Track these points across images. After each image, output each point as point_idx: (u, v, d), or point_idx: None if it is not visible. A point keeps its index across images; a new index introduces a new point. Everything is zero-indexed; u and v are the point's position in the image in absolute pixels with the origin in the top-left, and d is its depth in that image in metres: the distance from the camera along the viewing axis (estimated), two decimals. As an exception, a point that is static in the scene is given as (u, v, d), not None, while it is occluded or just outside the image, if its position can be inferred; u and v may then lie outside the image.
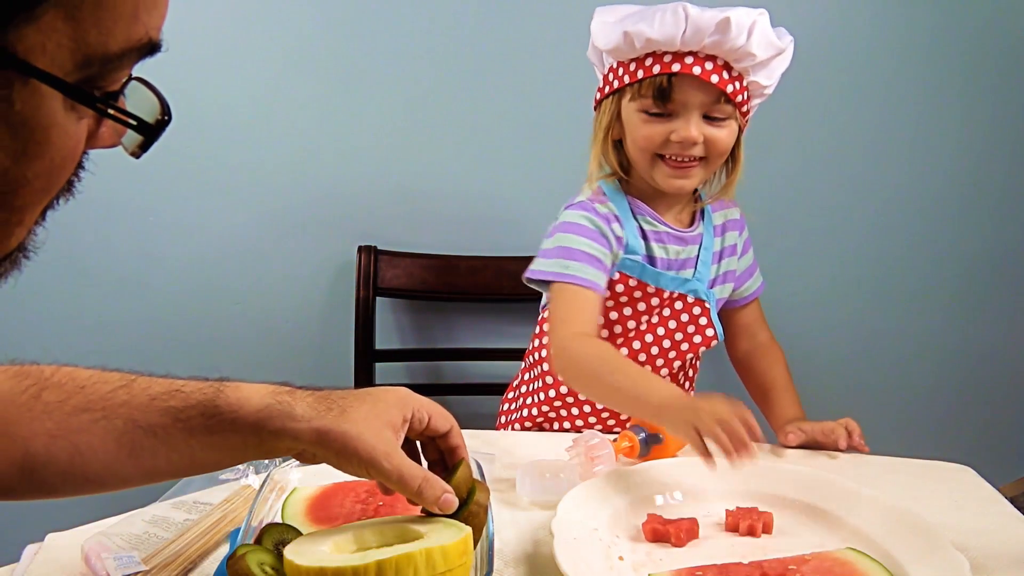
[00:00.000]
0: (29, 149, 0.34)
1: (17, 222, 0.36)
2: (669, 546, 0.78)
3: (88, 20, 0.33)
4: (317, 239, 1.61)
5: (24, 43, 0.31)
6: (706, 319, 1.16)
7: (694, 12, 1.02)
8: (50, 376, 0.65)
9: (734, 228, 1.22)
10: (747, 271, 1.24)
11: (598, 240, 1.10)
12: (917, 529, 0.77)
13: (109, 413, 0.64)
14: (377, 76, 1.55)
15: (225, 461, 0.67)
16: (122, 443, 0.64)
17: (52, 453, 0.64)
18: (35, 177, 0.35)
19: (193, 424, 0.64)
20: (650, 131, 1.08)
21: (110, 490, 0.67)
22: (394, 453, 0.63)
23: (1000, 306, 1.72)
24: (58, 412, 0.63)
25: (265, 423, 0.63)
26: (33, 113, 0.33)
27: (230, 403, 0.64)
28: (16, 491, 0.67)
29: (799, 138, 1.62)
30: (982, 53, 1.60)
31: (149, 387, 0.65)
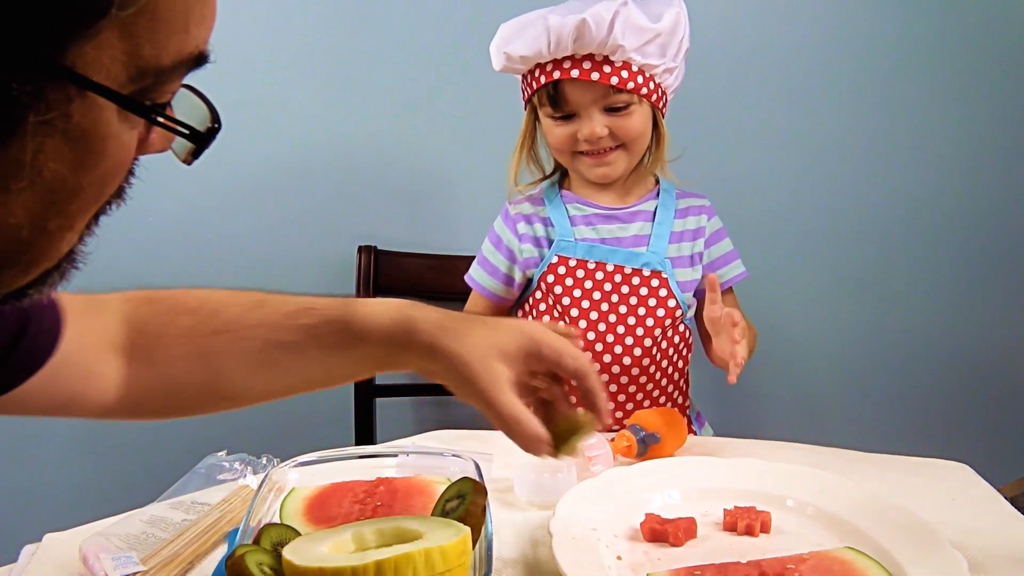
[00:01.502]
0: (86, 159, 0.35)
1: (68, 227, 0.37)
2: (667, 546, 0.78)
3: (142, 35, 0.34)
4: (317, 239, 1.61)
5: (82, 58, 0.32)
6: (666, 291, 1.18)
7: (553, 21, 1.06)
8: (183, 301, 0.68)
9: (699, 213, 1.24)
10: (722, 258, 1.25)
11: (497, 245, 1.25)
12: (915, 528, 0.77)
13: (245, 333, 0.67)
14: (377, 76, 1.55)
15: (358, 373, 0.71)
16: (259, 361, 0.68)
17: (191, 374, 0.67)
18: (89, 185, 0.36)
19: (327, 340, 0.67)
20: (559, 133, 1.15)
21: (246, 405, 0.71)
22: (493, 385, 0.64)
23: (1000, 306, 1.72)
24: (195, 336, 0.67)
25: (393, 337, 0.66)
26: (90, 125, 0.34)
27: (364, 319, 0.67)
28: (161, 412, 0.71)
29: (798, 138, 1.62)
30: (982, 52, 1.60)
31: (282, 306, 0.68)
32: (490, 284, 1.26)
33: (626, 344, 1.17)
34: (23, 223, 0.34)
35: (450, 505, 0.70)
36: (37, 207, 0.34)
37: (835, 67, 1.60)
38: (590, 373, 0.69)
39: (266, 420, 1.60)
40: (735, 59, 1.58)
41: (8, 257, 0.36)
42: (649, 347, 1.17)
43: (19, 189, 0.33)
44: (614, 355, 1.17)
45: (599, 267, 1.18)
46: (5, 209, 0.34)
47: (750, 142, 1.62)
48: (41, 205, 0.35)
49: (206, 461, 1.00)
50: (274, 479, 0.80)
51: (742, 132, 1.61)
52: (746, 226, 1.59)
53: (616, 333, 1.17)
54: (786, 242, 1.66)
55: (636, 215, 1.22)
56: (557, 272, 1.19)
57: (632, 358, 1.17)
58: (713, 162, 1.57)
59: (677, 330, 1.21)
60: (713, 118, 1.59)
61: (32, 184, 0.34)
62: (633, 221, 1.21)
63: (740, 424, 1.61)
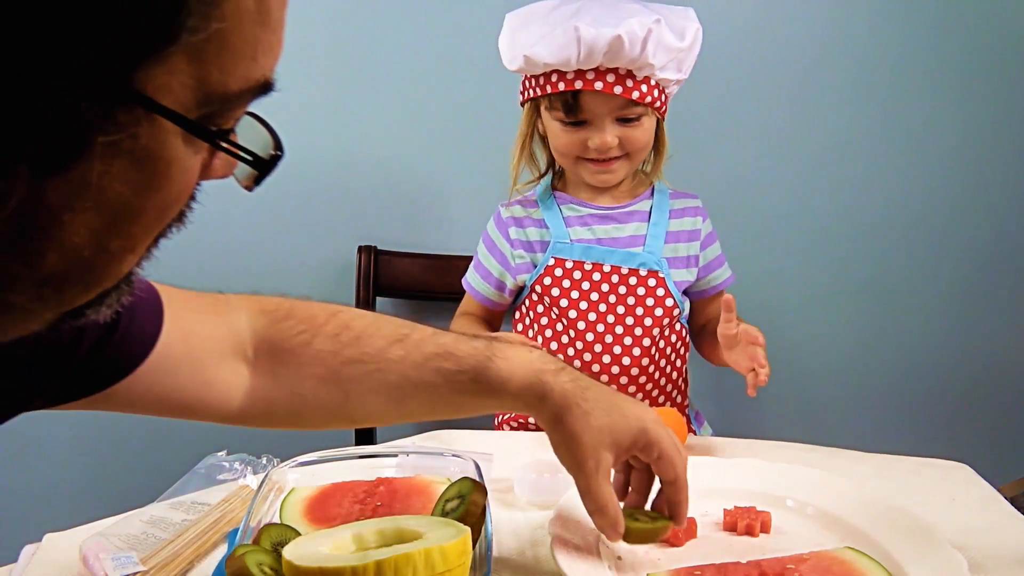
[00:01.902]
0: (150, 182, 0.35)
1: (130, 249, 0.37)
2: (667, 546, 0.78)
3: (211, 61, 0.34)
4: (317, 239, 1.61)
5: (152, 82, 0.32)
6: (664, 290, 1.18)
7: (586, 33, 1.04)
8: (323, 324, 0.70)
9: (695, 215, 1.25)
10: (716, 260, 1.26)
11: (491, 249, 1.25)
12: (915, 528, 0.77)
13: (383, 367, 0.69)
14: (377, 76, 1.55)
15: (475, 414, 0.75)
16: (392, 394, 0.70)
17: (320, 396, 0.69)
18: (152, 208, 0.36)
19: (462, 386, 0.70)
20: (568, 139, 1.15)
21: (368, 426, 0.74)
22: (595, 474, 0.68)
23: (1000, 306, 1.72)
24: (331, 361, 0.69)
25: (523, 398, 0.70)
26: (156, 148, 0.34)
27: (500, 375, 0.70)
28: (280, 422, 0.72)
29: (797, 139, 1.62)
30: (982, 52, 1.60)
31: (422, 344, 0.71)
32: (483, 288, 1.26)
33: (625, 344, 1.17)
34: (86, 243, 0.35)
35: (450, 505, 0.70)
36: (100, 228, 0.35)
37: (834, 67, 1.59)
38: (684, 487, 0.73)
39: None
40: (733, 59, 1.58)
41: (70, 276, 0.36)
42: (648, 347, 1.17)
43: (83, 209, 0.33)
44: (613, 355, 1.17)
45: (596, 268, 1.18)
46: (69, 229, 0.34)
47: (749, 143, 1.62)
48: (104, 226, 0.35)
49: (206, 461, 1.00)
50: (274, 479, 0.80)
51: (741, 133, 1.61)
52: (746, 226, 1.59)
53: (615, 333, 1.17)
54: (786, 242, 1.66)
55: (631, 215, 1.22)
56: (554, 274, 1.18)
57: (631, 358, 1.17)
58: (712, 163, 1.57)
59: (675, 330, 1.22)
60: (712, 119, 1.59)
61: (96, 205, 0.34)
62: (629, 221, 1.21)
63: (740, 424, 1.61)
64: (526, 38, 1.10)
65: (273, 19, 0.37)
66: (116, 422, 1.61)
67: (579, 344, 1.17)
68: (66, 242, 0.34)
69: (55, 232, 0.33)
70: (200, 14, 0.32)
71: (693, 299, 1.26)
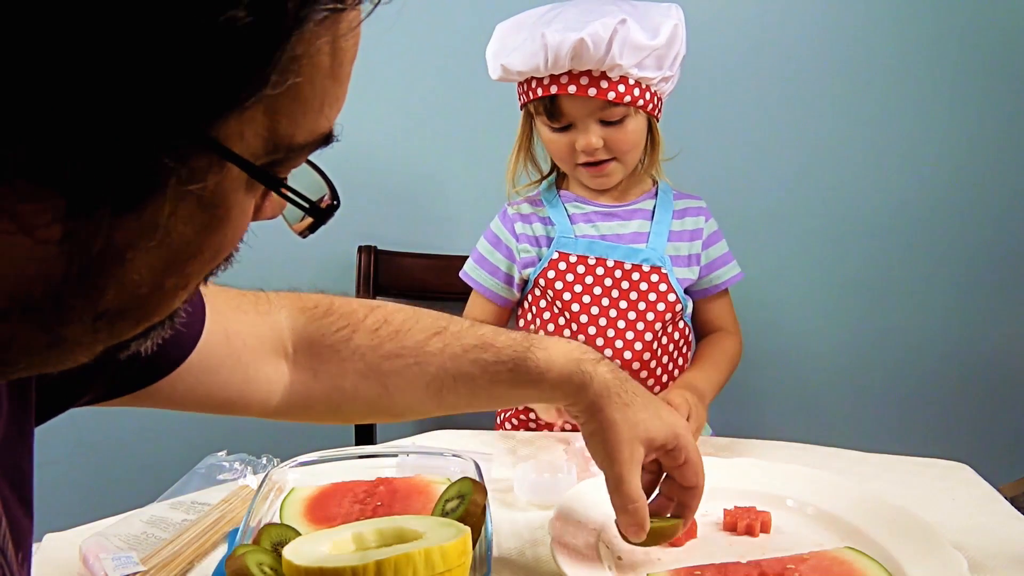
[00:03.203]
0: (211, 223, 0.36)
1: (183, 287, 0.38)
2: (667, 545, 0.78)
3: (283, 113, 0.35)
4: (317, 239, 1.58)
5: (228, 131, 0.33)
6: (666, 285, 1.18)
7: (551, 39, 1.06)
8: (363, 319, 0.71)
9: (697, 215, 1.25)
10: (720, 259, 1.26)
11: (495, 245, 1.26)
12: (915, 528, 0.77)
13: (422, 360, 0.70)
14: (377, 75, 1.55)
15: (515, 404, 0.80)
16: (431, 387, 0.71)
17: (359, 390, 0.70)
18: (209, 249, 0.37)
19: (500, 377, 0.70)
20: (558, 144, 1.17)
21: (408, 419, 0.75)
22: (629, 464, 0.69)
23: (1000, 305, 1.72)
24: (371, 356, 0.70)
25: (562, 387, 0.70)
26: (222, 192, 0.35)
27: (538, 365, 0.70)
28: (323, 418, 0.74)
29: (796, 138, 1.62)
30: (980, 51, 1.60)
31: (460, 336, 0.71)
32: (492, 284, 1.26)
33: (627, 339, 1.17)
34: (144, 281, 0.35)
35: (450, 505, 0.70)
36: (160, 266, 0.35)
37: (833, 67, 1.59)
38: (699, 495, 0.74)
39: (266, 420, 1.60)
40: (732, 59, 1.58)
41: (124, 311, 0.36)
42: (649, 342, 1.18)
43: (147, 248, 0.34)
44: (615, 350, 1.17)
45: (599, 263, 1.18)
46: (131, 267, 0.34)
47: (748, 142, 1.62)
48: (164, 264, 0.35)
49: (206, 461, 1.00)
50: (274, 479, 0.80)
51: (740, 132, 1.61)
52: (745, 226, 1.59)
53: (617, 328, 1.17)
54: (785, 242, 1.66)
55: (635, 213, 1.22)
56: (558, 268, 1.19)
57: (633, 352, 1.17)
58: (711, 162, 1.57)
59: (677, 326, 1.22)
60: (711, 118, 1.59)
61: (160, 245, 0.34)
62: (632, 219, 1.22)
63: (740, 424, 1.61)
64: (503, 48, 1.13)
65: (343, 73, 0.38)
66: (116, 422, 1.61)
67: (581, 338, 1.18)
68: (126, 279, 0.34)
69: (117, 270, 0.34)
70: (283, 69, 0.33)
71: (696, 298, 1.26)
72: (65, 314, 0.34)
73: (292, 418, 0.72)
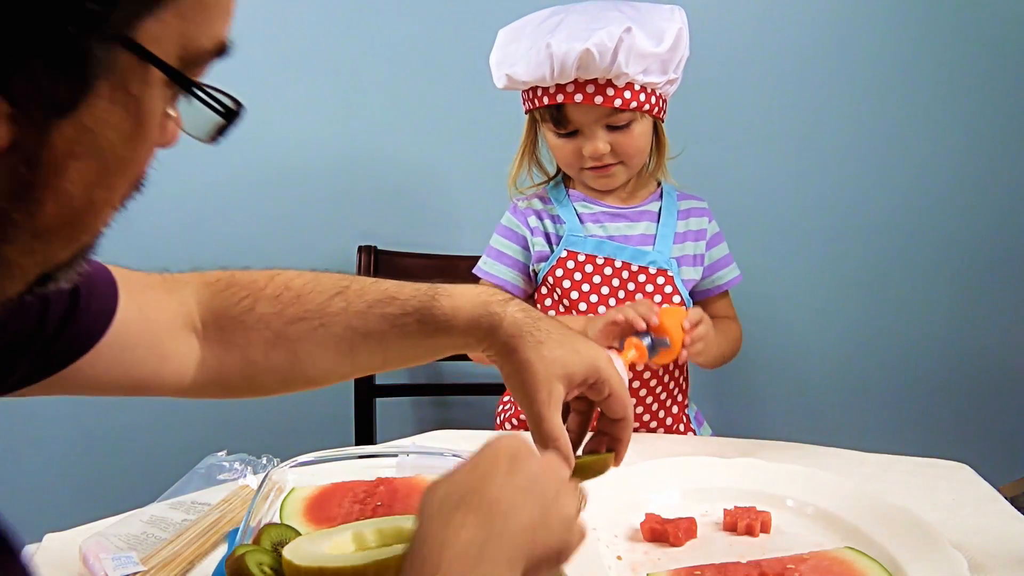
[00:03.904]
0: (134, 132, 0.38)
1: (109, 202, 0.40)
2: (667, 546, 0.78)
3: (190, 18, 0.38)
4: (317, 239, 1.61)
5: (147, 34, 0.36)
6: (671, 287, 1.19)
7: (557, 50, 1.06)
8: (264, 287, 0.71)
9: (701, 215, 1.26)
10: (722, 260, 1.27)
11: (510, 238, 1.25)
12: (915, 528, 0.77)
13: (327, 321, 0.69)
14: (377, 76, 1.55)
15: (431, 358, 0.74)
16: (339, 348, 0.70)
17: (270, 359, 0.69)
18: (132, 161, 0.40)
19: (409, 329, 0.69)
20: (564, 149, 1.17)
21: (324, 385, 0.73)
22: (547, 404, 0.66)
23: (1000, 305, 1.72)
24: (276, 322, 0.69)
25: (473, 331, 0.69)
26: (143, 98, 0.38)
27: (445, 312, 0.69)
28: (238, 392, 0.72)
29: (799, 138, 1.62)
30: (983, 51, 1.60)
31: (364, 293, 0.70)
32: (511, 276, 1.25)
33: None
34: (78, 193, 0.37)
35: (450, 505, 0.70)
36: (91, 177, 0.38)
37: (833, 67, 1.59)
38: (629, 426, 0.72)
39: (266, 420, 1.60)
40: (735, 59, 1.58)
41: (59, 228, 0.38)
42: None
43: (83, 156, 0.36)
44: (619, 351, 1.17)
45: (608, 263, 1.19)
46: (68, 177, 0.37)
47: (750, 142, 1.62)
48: (94, 175, 0.38)
49: (206, 461, 1.00)
50: (274, 479, 0.80)
51: (742, 132, 1.61)
52: (746, 226, 1.59)
53: None
54: (786, 242, 1.66)
55: (642, 215, 1.23)
56: (566, 266, 1.19)
57: (632, 362, 1.17)
58: (713, 162, 1.57)
59: None
60: (714, 119, 1.59)
61: (92, 152, 0.37)
62: (640, 220, 1.22)
63: (740, 424, 1.61)
64: (508, 57, 1.13)
65: None
66: (116, 422, 1.61)
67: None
68: (62, 191, 0.37)
69: (56, 180, 0.36)
70: None
71: (698, 298, 1.26)
72: (6, 230, 0.36)
73: (208, 395, 0.72)
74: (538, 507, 0.54)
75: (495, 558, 0.49)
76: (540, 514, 0.54)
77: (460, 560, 0.49)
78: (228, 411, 1.56)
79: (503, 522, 0.51)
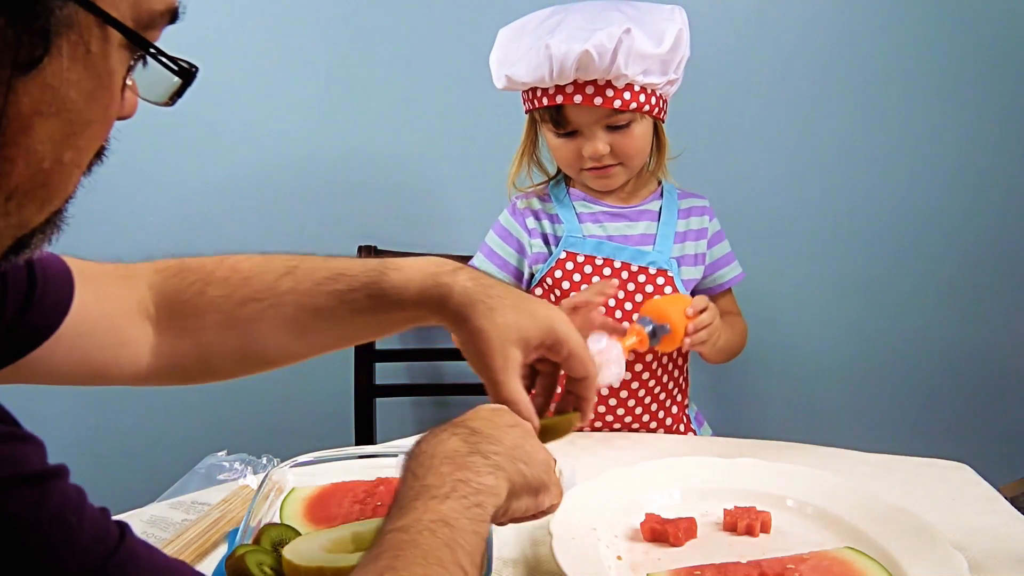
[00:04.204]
0: (96, 92, 0.40)
1: (78, 164, 0.41)
2: (667, 546, 0.78)
3: None
4: (317, 239, 1.61)
5: None
6: (672, 288, 1.19)
7: (556, 51, 1.06)
8: (213, 271, 0.70)
9: (701, 214, 1.26)
10: (724, 258, 1.27)
11: (505, 239, 1.25)
12: (915, 528, 0.77)
13: (277, 301, 0.69)
14: (378, 76, 1.55)
15: (388, 332, 0.74)
16: (292, 327, 0.70)
17: (224, 342, 0.70)
18: (95, 122, 0.41)
19: (359, 304, 0.69)
20: (564, 150, 1.17)
21: (281, 366, 0.73)
22: (504, 370, 0.66)
23: (1000, 305, 1.72)
24: (226, 305, 0.69)
25: (424, 302, 0.69)
26: (102, 58, 0.39)
27: (394, 284, 0.69)
28: (195, 377, 0.73)
29: (800, 138, 1.62)
30: (983, 52, 1.60)
31: (313, 271, 0.70)
32: (501, 278, 1.25)
33: None
34: (47, 152, 0.39)
35: (450, 505, 0.70)
36: (58, 136, 0.39)
37: (837, 68, 1.59)
38: (592, 384, 0.72)
39: (266, 420, 1.60)
40: (736, 59, 1.58)
41: (30, 191, 0.39)
42: None
43: (48, 114, 0.38)
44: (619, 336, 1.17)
45: (607, 263, 1.19)
46: (35, 136, 0.38)
47: (752, 143, 1.62)
48: (61, 135, 0.39)
49: (206, 461, 1.00)
50: (274, 479, 0.80)
51: (744, 133, 1.61)
52: (747, 226, 1.59)
53: None
54: (787, 242, 1.66)
55: (642, 214, 1.23)
56: (565, 268, 1.19)
57: (635, 354, 1.17)
58: (715, 163, 1.57)
59: None
60: (715, 119, 1.59)
61: (57, 111, 0.38)
62: (639, 220, 1.22)
63: (740, 424, 1.61)
64: (508, 57, 1.13)
65: None
66: (116, 422, 1.61)
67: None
68: (32, 150, 0.38)
69: (24, 139, 0.37)
70: None
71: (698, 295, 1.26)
72: None
73: (166, 381, 0.72)
74: (519, 439, 0.60)
75: (478, 467, 0.55)
76: (520, 444, 0.59)
77: (449, 461, 0.54)
78: (228, 411, 1.57)
79: (487, 443, 0.57)
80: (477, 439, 0.57)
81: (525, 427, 0.64)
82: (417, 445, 0.57)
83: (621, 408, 1.19)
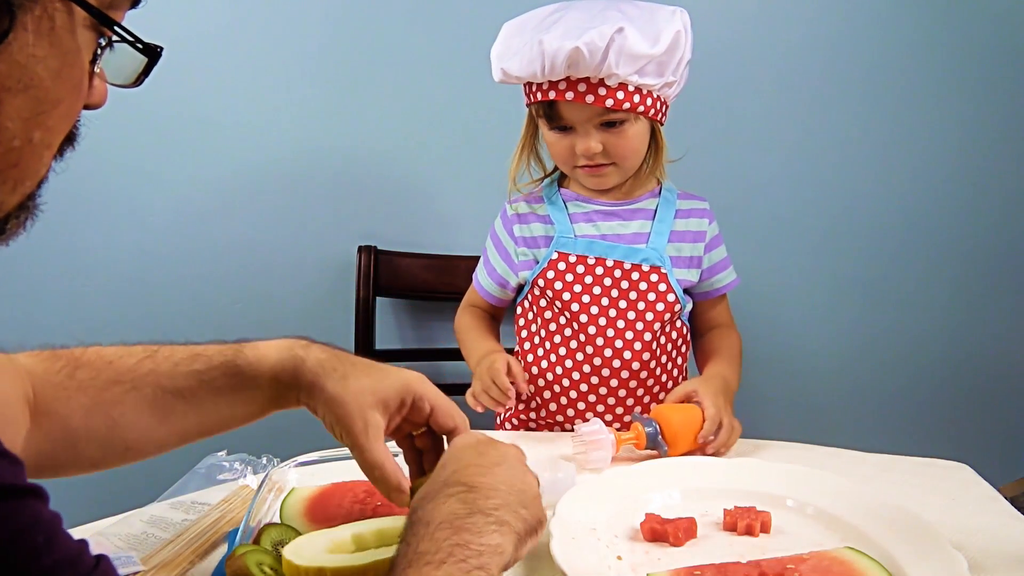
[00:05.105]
0: (63, 69, 0.40)
1: (48, 144, 0.42)
2: (667, 546, 0.78)
3: None
4: (317, 239, 1.61)
5: None
6: (665, 285, 1.18)
7: (548, 47, 1.05)
8: (80, 356, 0.69)
9: (701, 216, 1.25)
10: (721, 263, 1.26)
11: (496, 246, 1.27)
12: (915, 528, 0.77)
13: (138, 383, 0.68)
14: (377, 76, 1.56)
15: (251, 416, 0.72)
16: (154, 410, 0.69)
17: (90, 426, 0.68)
18: (63, 101, 0.41)
19: (218, 384, 0.69)
20: (559, 146, 1.17)
21: (147, 456, 0.72)
22: (365, 434, 0.66)
23: (1000, 306, 1.72)
24: (91, 387, 0.68)
25: (280, 377, 0.69)
26: (67, 35, 0.40)
27: (249, 361, 0.69)
28: (63, 467, 0.70)
29: (801, 140, 1.62)
30: (983, 52, 1.60)
31: (172, 354, 0.70)
32: (487, 284, 1.28)
33: (626, 339, 1.17)
34: (17, 130, 0.39)
35: (450, 505, 0.70)
36: (27, 113, 0.39)
37: (837, 69, 1.60)
38: (464, 431, 0.72)
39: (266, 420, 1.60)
40: (737, 61, 1.58)
41: (1, 171, 0.40)
42: (649, 341, 1.18)
43: (16, 91, 0.38)
44: (615, 350, 1.17)
45: (599, 262, 1.18)
46: (4, 112, 0.38)
47: (752, 145, 1.62)
48: (30, 112, 0.39)
49: (206, 461, 1.00)
50: (274, 479, 0.80)
51: (745, 135, 1.62)
52: (747, 226, 1.59)
53: (616, 328, 1.18)
54: (787, 243, 1.66)
55: (636, 213, 1.22)
56: (557, 268, 1.19)
57: (632, 352, 1.17)
58: (715, 164, 1.57)
59: (676, 326, 1.22)
60: (716, 120, 1.59)
61: (25, 88, 0.38)
62: (634, 219, 1.22)
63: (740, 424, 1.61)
64: (506, 51, 1.13)
65: None
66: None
67: (582, 337, 1.18)
68: (2, 127, 0.38)
69: None
70: None
71: (697, 299, 1.26)
72: None
73: (39, 473, 0.68)
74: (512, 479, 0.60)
75: (480, 527, 0.54)
76: (514, 485, 0.59)
77: (447, 525, 0.54)
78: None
79: (484, 499, 0.57)
80: (474, 496, 0.57)
81: (511, 456, 0.64)
82: (413, 513, 0.56)
83: (621, 408, 1.19)
